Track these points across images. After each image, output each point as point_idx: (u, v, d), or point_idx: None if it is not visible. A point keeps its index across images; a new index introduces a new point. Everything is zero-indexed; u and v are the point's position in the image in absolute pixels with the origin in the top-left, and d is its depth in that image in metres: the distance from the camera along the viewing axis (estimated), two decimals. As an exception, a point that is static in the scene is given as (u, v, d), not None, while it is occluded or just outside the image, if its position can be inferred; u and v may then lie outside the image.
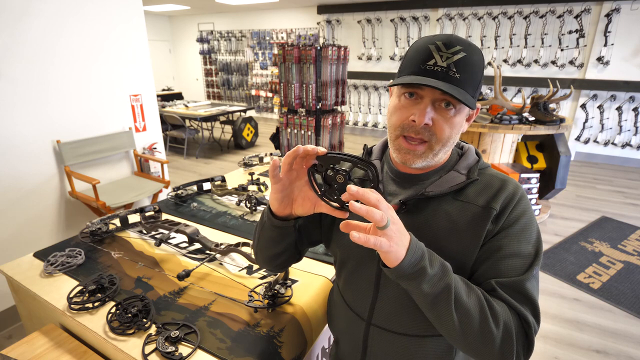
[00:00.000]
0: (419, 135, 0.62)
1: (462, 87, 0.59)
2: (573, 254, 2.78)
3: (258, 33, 7.79)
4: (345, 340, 0.82)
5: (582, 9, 4.84)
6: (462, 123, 0.65)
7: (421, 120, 0.61)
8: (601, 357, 1.85)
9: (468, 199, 0.65)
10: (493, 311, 0.57)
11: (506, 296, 0.59)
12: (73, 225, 2.44)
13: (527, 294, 0.59)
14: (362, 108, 6.93)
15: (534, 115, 2.88)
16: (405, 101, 0.63)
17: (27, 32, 2.03)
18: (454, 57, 0.58)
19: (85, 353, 0.91)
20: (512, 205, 0.63)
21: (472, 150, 0.73)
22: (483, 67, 0.62)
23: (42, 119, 2.17)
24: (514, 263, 0.61)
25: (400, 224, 0.54)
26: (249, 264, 1.17)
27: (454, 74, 0.58)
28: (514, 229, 0.62)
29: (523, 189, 0.67)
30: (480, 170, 0.69)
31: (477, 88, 0.62)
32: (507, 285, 0.60)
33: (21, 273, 1.12)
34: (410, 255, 0.53)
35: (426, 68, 0.59)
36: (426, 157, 0.64)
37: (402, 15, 6.04)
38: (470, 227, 0.63)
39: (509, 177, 0.68)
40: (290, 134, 4.02)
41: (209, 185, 1.81)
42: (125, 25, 2.53)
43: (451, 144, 0.65)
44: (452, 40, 0.60)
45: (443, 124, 0.62)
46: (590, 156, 5.33)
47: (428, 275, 0.55)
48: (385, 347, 0.73)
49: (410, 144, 0.63)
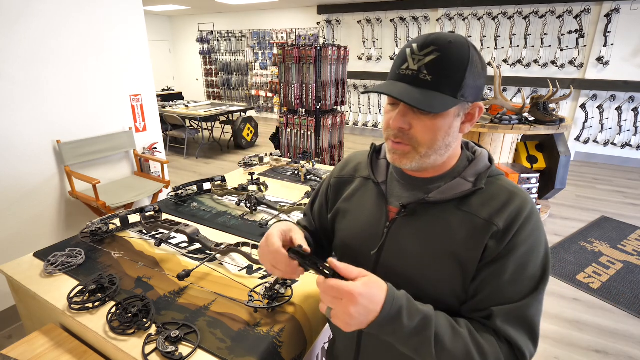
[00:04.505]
0: (398, 139, 0.63)
1: (434, 89, 0.57)
2: (573, 254, 2.78)
3: (258, 33, 7.80)
4: (341, 338, 0.83)
5: (581, 9, 4.84)
6: (451, 124, 0.61)
7: (395, 125, 0.62)
8: (601, 357, 1.85)
9: (471, 210, 0.63)
10: (482, 352, 0.56)
11: (502, 326, 0.58)
12: (73, 225, 2.44)
13: (527, 320, 0.58)
14: (362, 108, 6.94)
15: (533, 115, 2.88)
16: (388, 106, 0.65)
17: (27, 32, 2.03)
18: (426, 59, 0.57)
19: (86, 353, 0.91)
20: (518, 223, 0.59)
21: (484, 156, 0.69)
22: (466, 64, 0.58)
23: (42, 119, 2.17)
24: (518, 288, 0.59)
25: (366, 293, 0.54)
26: (249, 264, 1.17)
27: (425, 76, 0.57)
28: (520, 252, 0.59)
29: (533, 203, 0.62)
30: (490, 179, 0.65)
31: (461, 87, 0.58)
32: (506, 312, 0.58)
33: (21, 273, 1.12)
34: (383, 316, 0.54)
35: (400, 72, 0.60)
36: (412, 158, 0.63)
37: (402, 15, 6.04)
38: (468, 240, 0.61)
39: (519, 189, 0.64)
40: (290, 134, 4.02)
41: (209, 185, 1.81)
42: (125, 25, 2.53)
43: (443, 146, 0.63)
44: (427, 41, 0.58)
45: (422, 128, 0.61)
46: (590, 156, 5.33)
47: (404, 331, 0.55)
48: (378, 347, 0.73)
49: (395, 144, 0.64)
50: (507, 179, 0.67)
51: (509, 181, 0.66)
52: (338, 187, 0.83)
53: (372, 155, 0.79)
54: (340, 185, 0.83)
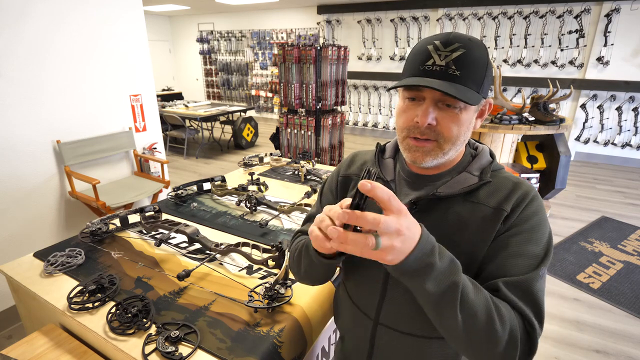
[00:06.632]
0: (425, 135, 0.62)
1: (463, 83, 0.59)
2: (573, 254, 2.78)
3: (258, 33, 7.79)
4: (350, 337, 0.82)
5: (582, 9, 4.84)
6: (471, 120, 0.64)
7: (424, 121, 0.61)
8: (601, 357, 1.85)
9: (479, 200, 0.65)
10: (500, 312, 0.55)
11: (511, 297, 0.57)
12: (73, 225, 2.44)
13: (533, 294, 0.58)
14: (362, 108, 6.93)
15: (534, 115, 2.88)
16: (409, 103, 0.64)
17: (27, 32, 2.03)
18: (453, 54, 0.58)
19: (85, 353, 0.91)
20: (523, 205, 0.63)
21: (486, 151, 0.72)
22: (486, 62, 0.61)
23: (42, 119, 2.17)
24: (521, 262, 0.59)
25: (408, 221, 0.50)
26: (249, 264, 1.17)
27: (454, 71, 0.58)
28: (524, 228, 0.61)
29: (536, 191, 0.65)
30: (493, 172, 0.69)
31: (482, 83, 0.61)
32: (512, 284, 0.58)
33: (21, 273, 1.12)
34: (419, 251, 0.51)
35: (425, 69, 0.60)
36: (436, 155, 0.64)
37: (402, 15, 6.04)
38: (481, 228, 0.63)
39: (522, 180, 0.67)
40: (290, 134, 4.02)
41: (209, 185, 1.81)
42: (125, 25, 2.53)
43: (461, 142, 0.64)
44: (450, 38, 0.59)
45: (449, 123, 0.61)
46: (590, 156, 5.33)
47: (435, 271, 0.52)
48: (393, 346, 0.72)
49: (418, 141, 0.64)
50: (508, 172, 0.69)
51: (511, 174, 0.69)
52: (345, 186, 0.82)
53: (377, 155, 0.79)
54: (347, 183, 0.82)
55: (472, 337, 0.54)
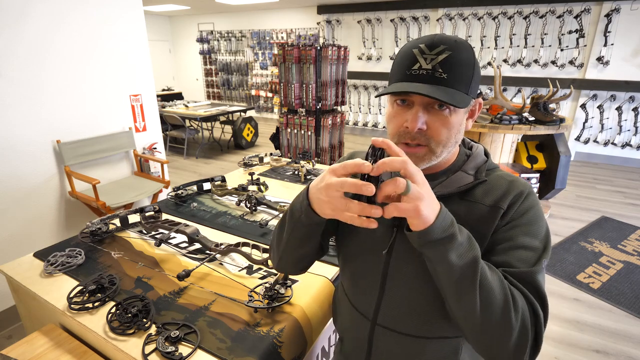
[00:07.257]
0: (416, 140, 0.62)
1: (451, 86, 0.58)
2: (573, 254, 2.78)
3: (258, 33, 7.79)
4: (349, 338, 0.82)
5: (582, 9, 4.84)
6: (462, 122, 0.64)
7: (413, 126, 0.61)
8: (601, 357, 1.85)
9: (475, 199, 0.65)
10: (513, 297, 0.54)
11: (519, 284, 0.57)
12: (73, 225, 2.44)
13: (537, 286, 0.57)
14: (362, 108, 6.93)
15: (534, 115, 2.88)
16: (398, 108, 0.64)
17: (27, 32, 2.03)
18: (439, 57, 0.58)
19: (85, 353, 0.91)
20: (520, 201, 0.63)
21: (480, 151, 0.73)
22: (473, 62, 0.60)
23: (42, 119, 2.17)
24: (523, 255, 0.59)
25: (429, 188, 0.51)
26: (249, 264, 1.17)
27: (441, 74, 0.58)
28: (522, 221, 0.62)
29: (532, 188, 0.66)
30: (489, 171, 0.69)
31: (470, 84, 0.60)
32: (516, 275, 0.58)
33: (21, 273, 1.12)
34: (441, 220, 0.51)
35: (412, 73, 0.59)
36: (429, 159, 0.64)
37: (402, 15, 6.04)
38: (478, 226, 0.63)
39: (517, 177, 0.67)
40: (290, 134, 4.02)
41: (209, 185, 1.81)
42: (125, 25, 2.53)
43: (453, 143, 0.64)
44: (435, 40, 0.59)
45: (439, 127, 0.61)
46: (590, 156, 5.33)
47: (457, 242, 0.52)
48: (391, 347, 0.72)
49: (410, 148, 0.63)
50: (503, 170, 0.70)
51: (506, 172, 0.69)
52: None
53: None
54: None
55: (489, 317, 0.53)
